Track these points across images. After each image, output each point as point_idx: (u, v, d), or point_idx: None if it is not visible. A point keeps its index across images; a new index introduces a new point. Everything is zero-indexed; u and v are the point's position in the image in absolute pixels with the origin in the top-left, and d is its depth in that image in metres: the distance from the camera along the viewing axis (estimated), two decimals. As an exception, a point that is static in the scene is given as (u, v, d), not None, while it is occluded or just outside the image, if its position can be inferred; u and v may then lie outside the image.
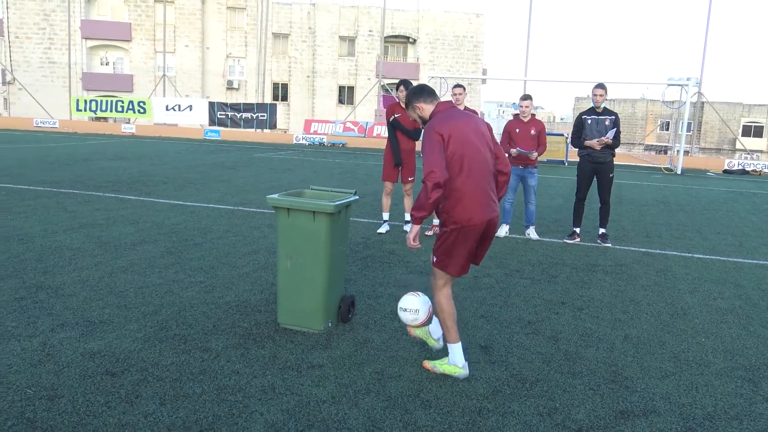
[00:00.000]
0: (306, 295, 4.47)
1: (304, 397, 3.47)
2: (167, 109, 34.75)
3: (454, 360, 3.83)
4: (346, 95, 47.37)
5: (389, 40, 46.16)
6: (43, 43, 44.14)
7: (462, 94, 7.72)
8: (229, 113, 34.17)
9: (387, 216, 8.46)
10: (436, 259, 3.84)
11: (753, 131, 59.39)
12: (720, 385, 3.94)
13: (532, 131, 8.38)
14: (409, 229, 3.84)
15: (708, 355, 4.46)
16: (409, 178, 8.24)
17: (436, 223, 8.34)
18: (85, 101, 36.08)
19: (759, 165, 25.88)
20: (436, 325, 4.11)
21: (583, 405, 3.56)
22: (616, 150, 8.13)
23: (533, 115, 8.54)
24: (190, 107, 34.66)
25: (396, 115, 8.01)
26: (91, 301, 4.93)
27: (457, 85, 7.82)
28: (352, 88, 47.13)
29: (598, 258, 7.50)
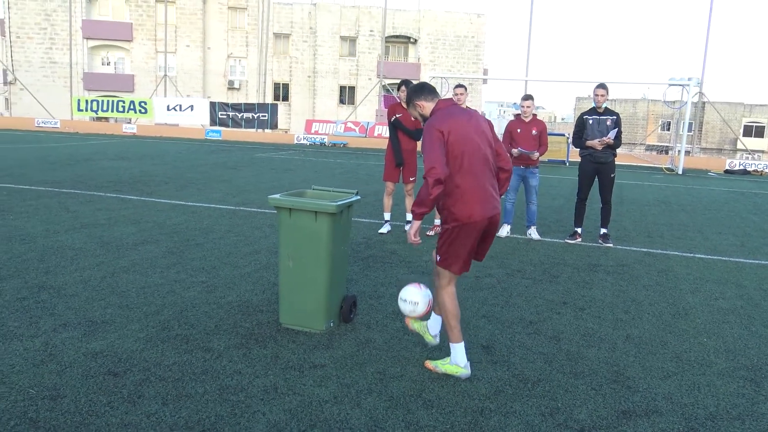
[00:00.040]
0: (308, 295, 4.47)
1: (306, 397, 3.47)
2: (168, 109, 34.78)
3: (456, 360, 3.83)
4: (347, 95, 47.38)
5: (390, 40, 46.17)
6: (44, 43, 44.18)
7: (463, 94, 7.72)
8: (230, 113, 34.19)
9: (388, 216, 8.46)
10: (440, 258, 3.84)
11: (754, 131, 59.36)
12: (722, 385, 3.94)
13: (534, 131, 8.38)
14: (410, 224, 3.84)
15: (710, 355, 4.46)
16: (410, 178, 8.25)
17: (437, 223, 8.34)
18: (87, 101, 36.10)
19: (760, 165, 25.86)
20: (435, 321, 4.12)
21: (585, 405, 3.56)
22: (617, 150, 8.14)
23: (535, 115, 8.53)
24: (191, 107, 34.68)
25: (397, 115, 8.01)
26: (93, 301, 4.93)
27: (459, 85, 7.83)
28: (353, 88, 47.14)
29: (599, 258, 7.50)
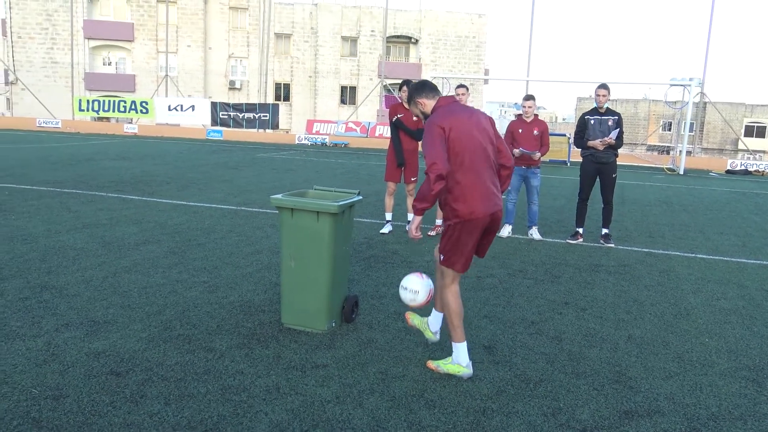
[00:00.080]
0: (310, 295, 4.47)
1: (309, 397, 3.47)
2: (169, 109, 34.81)
3: (458, 359, 3.83)
4: (348, 95, 47.40)
5: (391, 40, 46.19)
6: (45, 43, 44.22)
7: (465, 95, 7.73)
8: (232, 113, 34.21)
9: (390, 216, 8.46)
10: (443, 257, 3.85)
11: (755, 131, 59.33)
12: (724, 385, 3.94)
13: (535, 131, 8.37)
14: (411, 219, 3.85)
15: (712, 355, 4.46)
16: (411, 179, 8.25)
17: (438, 223, 8.34)
18: (88, 101, 36.13)
19: (762, 165, 25.84)
20: (435, 318, 4.12)
21: (587, 405, 3.57)
22: (618, 150, 8.14)
23: (536, 116, 8.53)
24: (193, 107, 34.70)
25: (399, 116, 8.01)
26: (95, 301, 4.94)
27: (460, 86, 7.83)
28: (354, 88, 47.15)
29: (601, 258, 7.50)
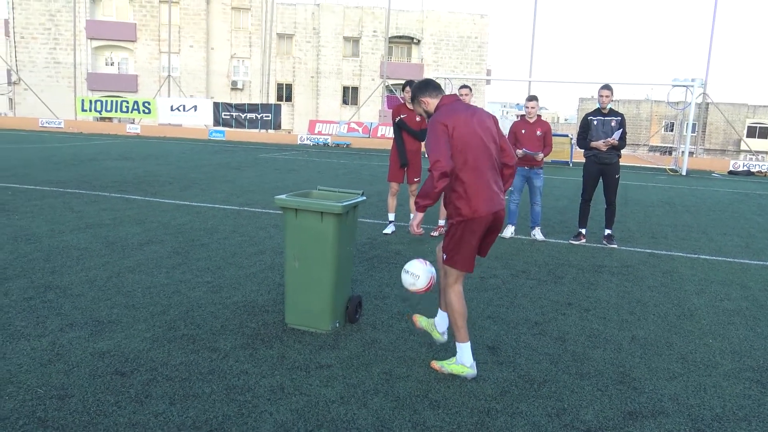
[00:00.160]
0: (313, 296, 4.48)
1: (313, 397, 3.48)
2: (172, 110, 34.86)
3: (462, 360, 3.83)
4: (350, 96, 47.42)
5: (393, 40, 46.20)
6: (48, 43, 44.31)
7: (468, 95, 7.74)
8: (234, 113, 34.25)
9: (393, 216, 8.47)
10: (446, 257, 3.85)
11: (758, 132, 59.23)
12: (728, 386, 3.94)
13: (538, 132, 8.37)
14: (413, 215, 3.85)
15: (716, 356, 4.46)
16: (414, 179, 8.25)
17: (441, 224, 8.35)
18: (90, 101, 36.19)
19: (764, 166, 25.82)
20: (442, 318, 4.12)
21: (591, 406, 3.57)
22: (621, 151, 8.14)
23: (539, 116, 8.53)
24: (195, 107, 34.75)
25: (402, 116, 8.02)
26: (100, 301, 4.95)
27: (464, 86, 7.85)
28: (356, 88, 47.18)
29: (604, 259, 7.50)
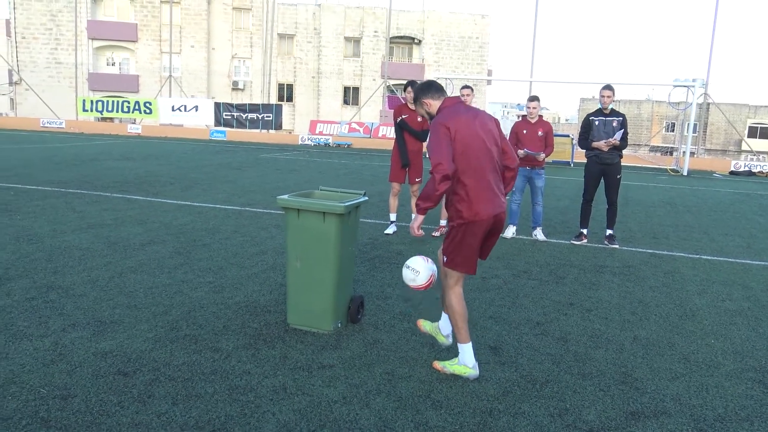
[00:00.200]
0: (315, 296, 4.48)
1: (316, 398, 3.48)
2: (173, 110, 34.91)
3: (464, 360, 3.83)
4: (351, 96, 47.43)
5: (394, 40, 46.21)
6: (49, 43, 44.33)
7: (470, 95, 7.74)
8: (235, 114, 34.29)
9: (394, 217, 8.48)
10: (447, 259, 3.86)
11: (759, 132, 59.18)
12: (730, 386, 3.94)
13: (540, 132, 8.37)
14: (414, 217, 3.85)
15: (718, 356, 4.46)
16: (416, 179, 8.25)
17: (442, 224, 8.35)
18: (92, 101, 36.24)
19: (765, 167, 25.81)
20: (446, 321, 4.12)
21: (593, 406, 3.57)
22: (622, 151, 8.14)
23: (541, 117, 8.53)
24: (196, 108, 34.79)
25: (403, 116, 8.02)
26: (102, 301, 4.95)
27: (465, 86, 7.85)
28: (357, 89, 47.19)
29: (605, 259, 7.50)
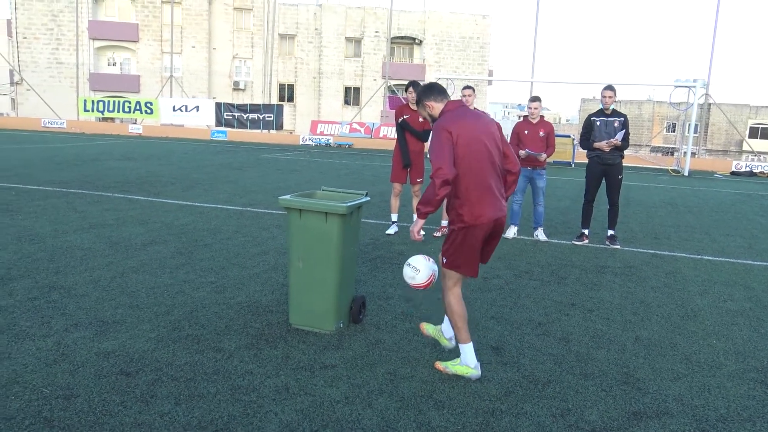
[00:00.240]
0: (317, 296, 4.48)
1: (318, 398, 3.48)
2: (174, 110, 34.91)
3: (466, 360, 3.84)
4: (352, 96, 47.43)
5: (395, 41, 46.20)
6: (50, 43, 44.34)
7: (471, 96, 7.73)
8: (236, 114, 34.30)
9: (396, 217, 8.47)
10: (446, 260, 3.86)
11: (760, 133, 59.14)
12: (732, 387, 3.94)
13: (541, 133, 8.37)
14: (414, 221, 3.86)
15: (719, 356, 4.46)
16: (417, 180, 8.26)
17: (444, 224, 8.35)
18: (93, 102, 36.25)
19: (766, 167, 25.80)
20: (448, 324, 4.12)
21: (595, 406, 3.57)
22: (624, 152, 8.14)
23: (542, 117, 8.53)
24: (197, 108, 34.80)
25: (405, 117, 8.02)
26: (104, 301, 4.96)
27: (467, 87, 7.84)
28: (358, 89, 47.18)
29: (607, 260, 7.50)
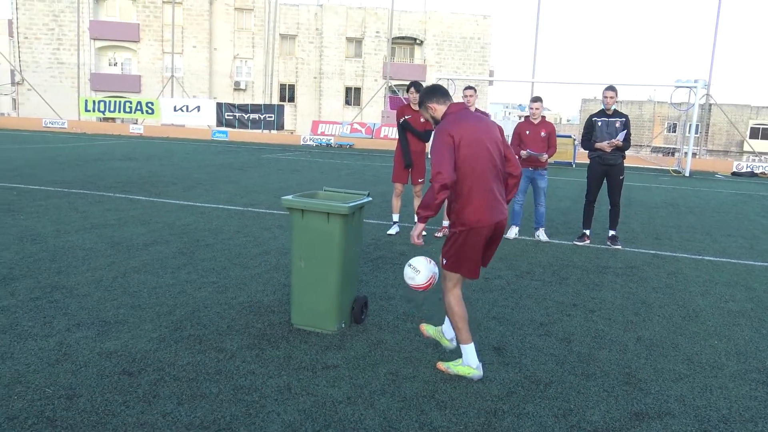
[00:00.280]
0: (319, 296, 4.49)
1: (320, 398, 3.49)
2: (175, 110, 34.92)
3: (468, 361, 3.84)
4: (352, 96, 47.43)
5: (396, 41, 46.19)
6: (51, 43, 44.37)
7: (473, 96, 7.74)
8: (237, 114, 34.31)
9: (397, 217, 8.47)
10: (446, 262, 3.87)
11: (761, 133, 59.09)
12: (734, 387, 3.94)
13: (542, 133, 8.38)
14: (414, 225, 3.87)
15: (721, 357, 4.46)
16: (419, 180, 8.26)
17: (445, 224, 8.35)
18: (94, 102, 36.26)
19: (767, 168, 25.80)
20: (449, 325, 4.13)
21: (597, 407, 3.57)
22: (625, 152, 8.14)
23: (543, 117, 8.54)
24: (198, 108, 34.81)
25: (406, 117, 8.03)
26: (106, 301, 4.97)
27: (468, 87, 7.85)
28: (358, 89, 47.19)
29: (608, 260, 7.50)
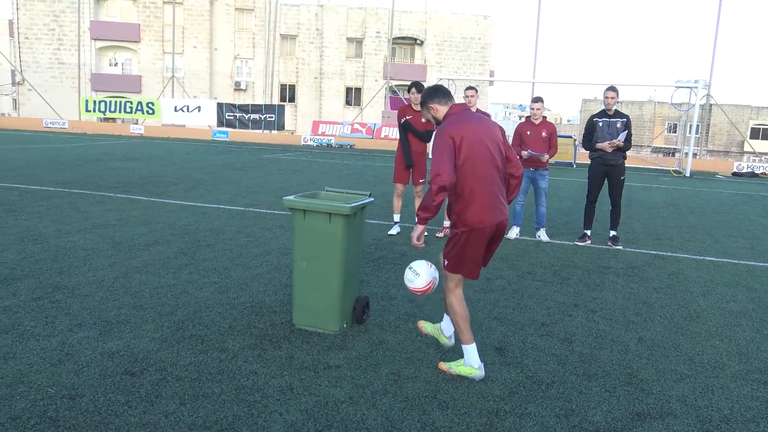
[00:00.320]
0: (321, 296, 4.49)
1: (322, 398, 3.49)
2: (176, 110, 34.94)
3: (470, 361, 3.85)
4: (353, 97, 47.45)
5: (397, 41, 46.19)
6: (52, 44, 44.39)
7: (474, 97, 7.74)
8: (237, 114, 34.33)
9: (398, 218, 8.48)
10: (447, 262, 3.87)
11: (761, 134, 59.08)
12: (736, 387, 3.94)
13: (543, 133, 8.38)
14: (414, 227, 3.88)
15: (723, 357, 4.46)
16: (420, 180, 8.26)
17: (446, 224, 8.36)
18: (94, 102, 36.27)
19: (768, 167, 25.81)
20: (448, 323, 4.14)
21: (599, 407, 3.58)
22: (626, 152, 8.14)
23: (544, 118, 8.54)
24: (199, 108, 34.83)
25: (407, 117, 8.03)
26: (108, 302, 4.97)
27: (469, 87, 7.85)
28: (359, 89, 47.19)
29: (609, 260, 7.50)
